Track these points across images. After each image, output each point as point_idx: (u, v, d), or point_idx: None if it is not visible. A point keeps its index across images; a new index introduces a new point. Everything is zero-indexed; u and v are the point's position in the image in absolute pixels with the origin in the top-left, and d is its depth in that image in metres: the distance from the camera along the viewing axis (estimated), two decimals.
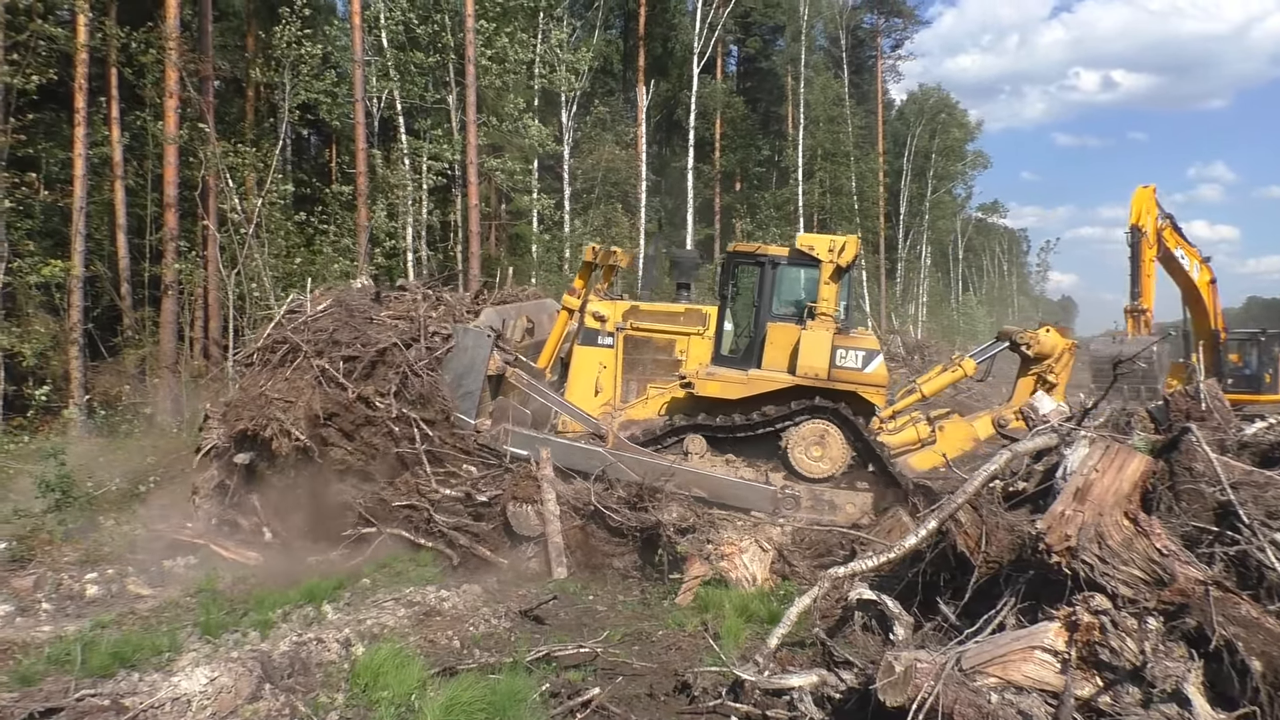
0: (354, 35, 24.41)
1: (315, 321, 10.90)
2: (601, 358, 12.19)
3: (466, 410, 10.52)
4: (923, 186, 57.72)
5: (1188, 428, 5.85)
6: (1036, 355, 12.23)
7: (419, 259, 27.33)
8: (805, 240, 11.77)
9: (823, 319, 11.35)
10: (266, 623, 7.50)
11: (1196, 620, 4.42)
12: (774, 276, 11.85)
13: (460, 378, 10.63)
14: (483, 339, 10.76)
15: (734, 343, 12.18)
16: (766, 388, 11.28)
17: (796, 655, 6.15)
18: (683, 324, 12.29)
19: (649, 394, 12.05)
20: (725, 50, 49.62)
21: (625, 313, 12.26)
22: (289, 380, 10.19)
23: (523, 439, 10.55)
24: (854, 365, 11.16)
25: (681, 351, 12.20)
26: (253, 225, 21.02)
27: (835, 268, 11.40)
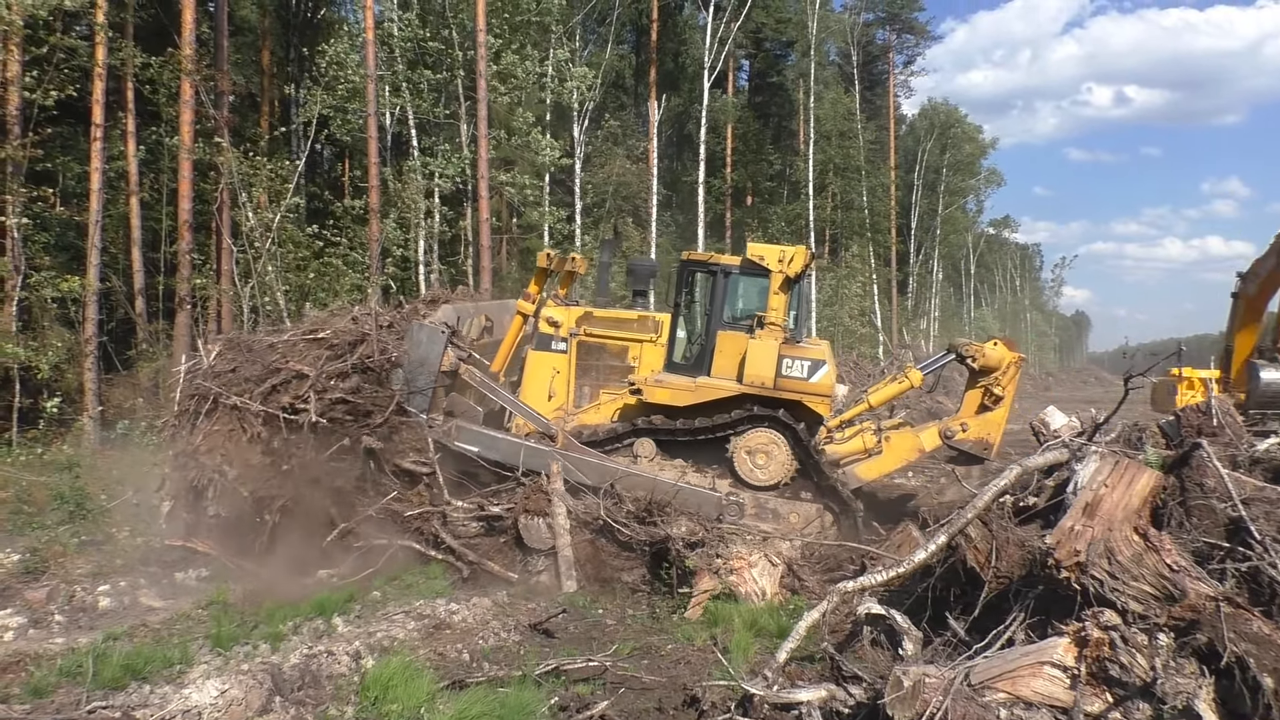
0: (367, 50, 24.61)
1: (215, 370, 10.95)
2: (555, 363, 12.30)
3: (418, 405, 10.61)
4: (934, 201, 57.68)
5: (1199, 443, 5.82)
6: (982, 368, 12.22)
7: (430, 272, 27.44)
8: (755, 250, 11.86)
9: (771, 329, 11.42)
10: (277, 635, 7.53)
11: (1208, 636, 4.39)
12: (725, 285, 11.92)
13: (413, 373, 10.71)
14: (436, 335, 10.82)
15: (686, 350, 12.24)
16: (713, 395, 11.35)
17: (805, 670, 6.14)
18: (636, 330, 12.37)
19: (601, 399, 12.14)
20: (736, 65, 49.81)
21: (579, 318, 12.35)
22: (214, 430, 10.33)
23: (472, 435, 10.69)
24: (800, 375, 11.21)
25: (634, 358, 12.29)
26: (267, 240, 21.16)
27: (784, 278, 11.50)
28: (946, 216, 58.91)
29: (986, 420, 12.11)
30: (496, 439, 10.84)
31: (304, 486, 10.03)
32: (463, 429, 10.73)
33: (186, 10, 20.27)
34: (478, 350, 11.82)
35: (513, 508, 9.84)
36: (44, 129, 17.97)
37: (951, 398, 20.12)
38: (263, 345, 11.25)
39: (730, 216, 47.42)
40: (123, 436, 16.78)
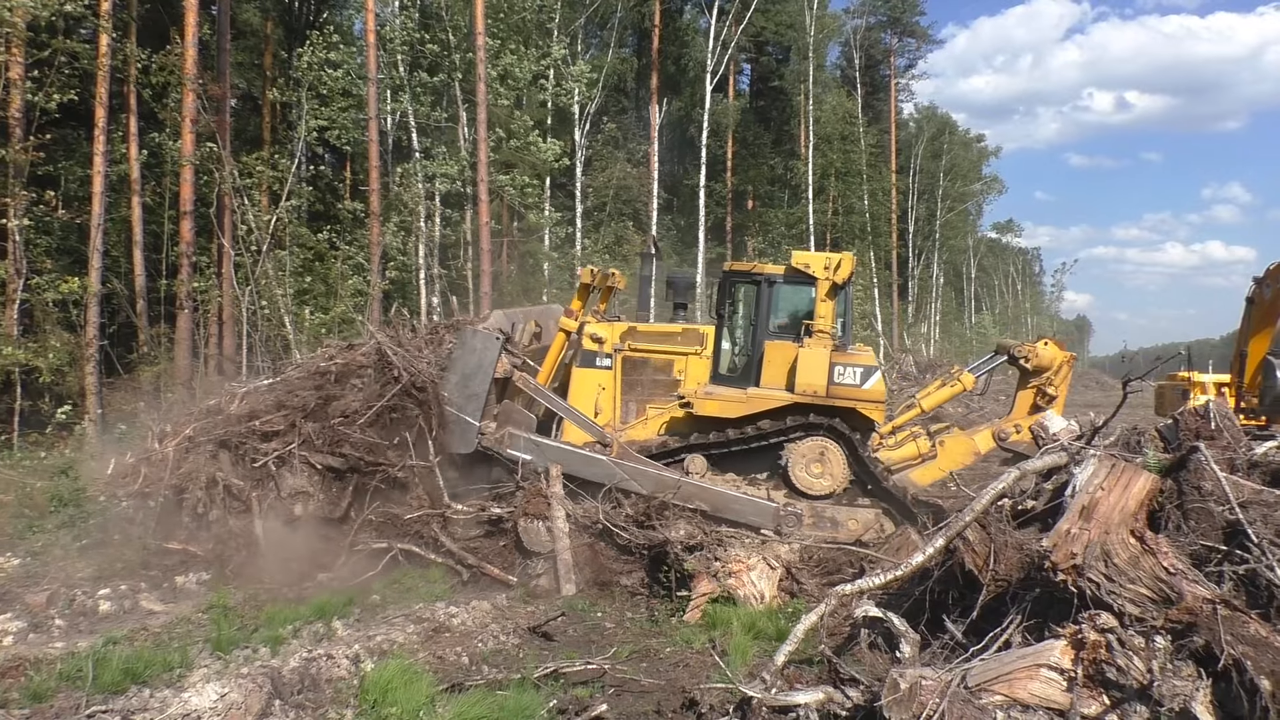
0: (368, 54, 24.67)
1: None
2: (600, 379, 12.20)
3: (471, 412, 10.44)
4: (932, 206, 57.76)
5: (1196, 446, 5.83)
6: (1035, 368, 12.19)
7: (430, 276, 27.48)
8: (801, 258, 11.79)
9: (820, 336, 11.36)
10: (277, 639, 7.54)
11: (1205, 639, 4.40)
12: (770, 295, 11.87)
13: (467, 379, 10.56)
14: (491, 341, 10.67)
15: (731, 362, 12.19)
16: (765, 406, 11.28)
17: (804, 673, 6.14)
18: (680, 344, 12.30)
19: (648, 414, 12.06)
20: (737, 69, 49.87)
21: (623, 334, 12.28)
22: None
23: (526, 444, 10.53)
24: (852, 382, 11.16)
25: (680, 371, 12.21)
26: (267, 243, 21.20)
27: (831, 285, 11.44)
28: (946, 221, 58.95)
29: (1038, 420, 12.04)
30: (549, 447, 10.64)
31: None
32: (515, 436, 10.55)
33: (189, 14, 20.33)
34: (528, 356, 11.81)
35: (512, 511, 9.85)
36: (46, 132, 18.00)
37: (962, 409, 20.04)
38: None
39: (731, 220, 47.46)
40: (120, 440, 16.79)
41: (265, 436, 10.56)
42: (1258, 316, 15.77)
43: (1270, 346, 15.22)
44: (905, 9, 55.27)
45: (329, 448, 10.49)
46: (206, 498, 10.15)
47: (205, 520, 10.17)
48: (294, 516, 10.20)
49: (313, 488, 10.34)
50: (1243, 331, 16.38)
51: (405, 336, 12.29)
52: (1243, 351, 16.24)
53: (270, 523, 10.05)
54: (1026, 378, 12.39)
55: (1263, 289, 15.45)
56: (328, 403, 10.92)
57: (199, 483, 10.16)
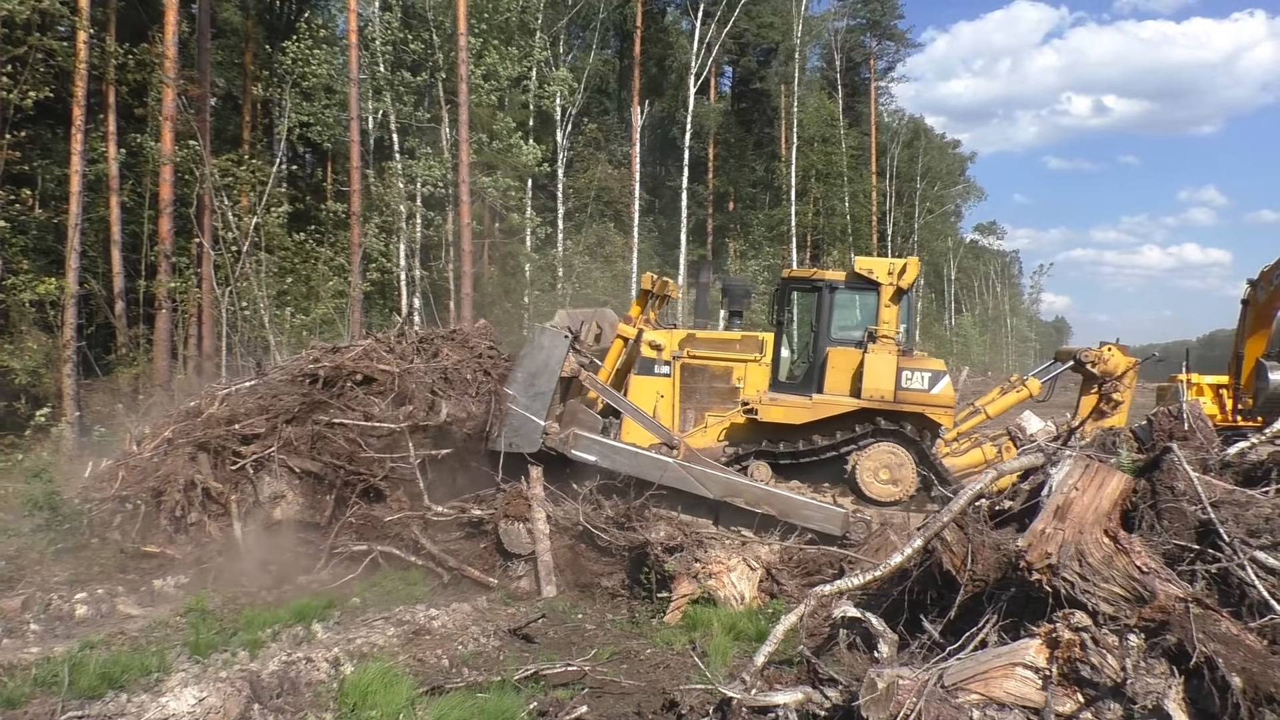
0: (350, 54, 24.59)
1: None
2: (659, 386, 12.15)
3: (537, 411, 10.14)
4: (911, 208, 58.15)
5: (1169, 447, 5.90)
6: (1101, 374, 12.17)
7: (411, 278, 27.39)
8: (864, 263, 11.80)
9: (884, 341, 11.33)
10: (256, 642, 7.49)
11: (1177, 637, 4.45)
12: (831, 301, 11.84)
13: (534, 377, 10.28)
14: (559, 339, 10.46)
15: (792, 368, 12.16)
16: (832, 411, 11.21)
17: (783, 673, 6.16)
18: (740, 351, 12.29)
19: (707, 422, 12.00)
20: (719, 71, 50.02)
21: (681, 341, 12.24)
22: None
23: (590, 444, 10.21)
24: (920, 386, 11.15)
25: (739, 379, 12.20)
26: (247, 243, 21.08)
27: (895, 289, 11.42)
28: (925, 224, 59.36)
29: (1104, 425, 12.04)
30: (616, 448, 10.36)
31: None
32: (580, 437, 10.22)
33: (169, 11, 20.20)
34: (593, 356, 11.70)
35: (493, 513, 9.84)
36: (22, 130, 17.83)
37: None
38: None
39: (713, 222, 47.57)
40: (98, 442, 16.65)
41: (245, 439, 10.51)
42: (1253, 318, 15.90)
43: (1265, 348, 15.34)
44: (884, 12, 55.62)
45: (310, 452, 10.46)
46: (185, 500, 10.08)
47: (184, 523, 10.10)
48: (273, 520, 10.15)
49: (292, 491, 10.30)
50: (1239, 333, 16.50)
51: (394, 343, 12.27)
52: (1239, 353, 16.36)
53: (249, 526, 10.00)
54: (1090, 383, 12.35)
55: (1257, 291, 15.59)
56: (313, 408, 10.89)
57: (177, 485, 10.09)
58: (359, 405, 10.86)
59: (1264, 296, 15.13)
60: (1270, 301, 14.97)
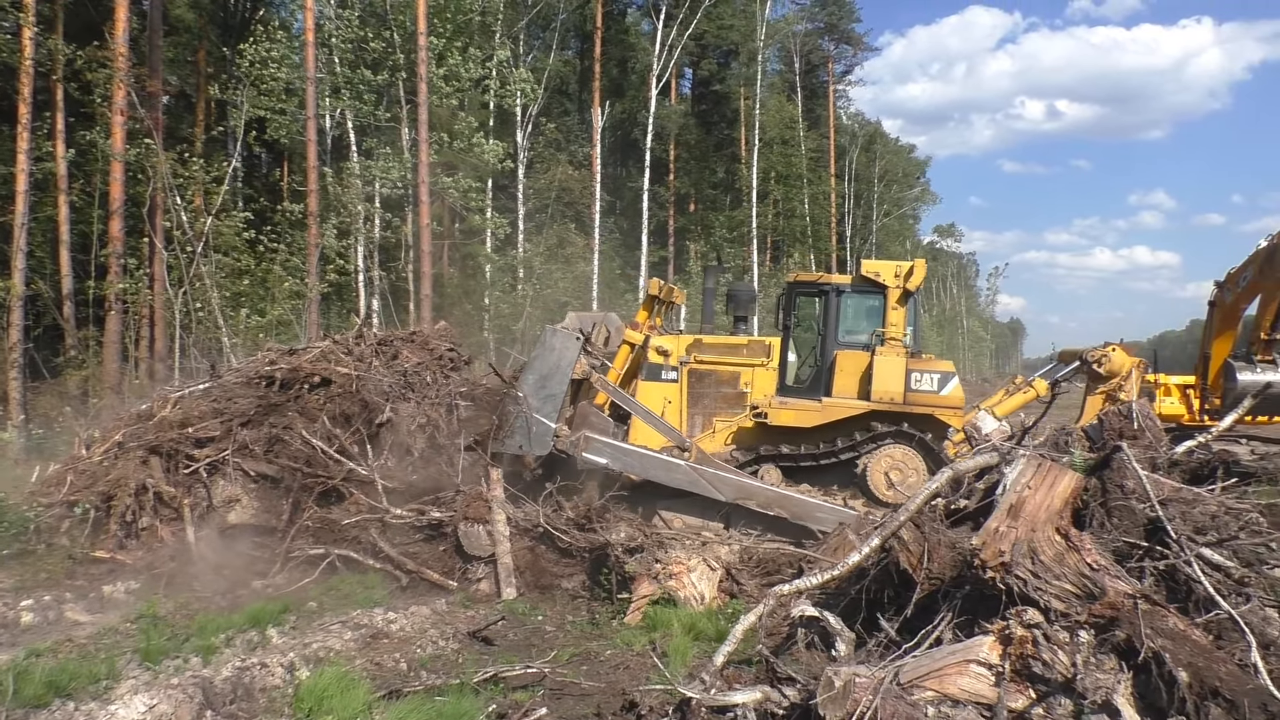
0: (306, 52, 24.30)
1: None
2: (666, 392, 12.13)
3: (549, 413, 10.05)
4: (869, 211, 58.78)
5: (1119, 446, 6.01)
6: (1107, 373, 12.27)
7: (370, 279, 27.14)
8: (870, 266, 11.89)
9: (892, 344, 11.39)
10: (209, 648, 7.38)
11: (1126, 633, 4.53)
12: (838, 304, 11.90)
13: (545, 379, 10.17)
14: (571, 341, 10.36)
15: (799, 372, 12.19)
16: (841, 414, 11.24)
17: (743, 673, 6.18)
18: (746, 356, 12.31)
19: (715, 427, 11.98)
20: (679, 72, 50.17)
21: (688, 346, 12.24)
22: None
23: (601, 446, 10.16)
24: (930, 388, 11.24)
25: (746, 383, 12.22)
26: (201, 243, 20.75)
27: (902, 292, 11.49)
28: (883, 225, 60.01)
29: None
30: (627, 451, 10.30)
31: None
32: (591, 440, 10.15)
33: (120, 8, 19.84)
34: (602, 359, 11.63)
35: (453, 515, 9.77)
36: None
37: None
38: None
39: (674, 223, 47.67)
40: (46, 446, 16.30)
41: (199, 443, 10.36)
42: (1220, 320, 16.17)
43: (1232, 348, 15.58)
44: (842, 16, 56.09)
45: (266, 455, 10.33)
46: (136, 505, 9.91)
47: (135, 528, 9.94)
48: (228, 524, 10.01)
49: (247, 495, 10.16)
50: (1206, 334, 16.75)
51: (353, 345, 12.15)
52: (1206, 354, 16.62)
53: (203, 530, 9.85)
54: (1095, 384, 12.44)
55: (1224, 293, 15.86)
56: (269, 410, 10.75)
57: (128, 489, 9.91)
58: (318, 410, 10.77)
59: (1230, 298, 15.40)
60: (1236, 303, 15.24)
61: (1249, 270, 14.13)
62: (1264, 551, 5.95)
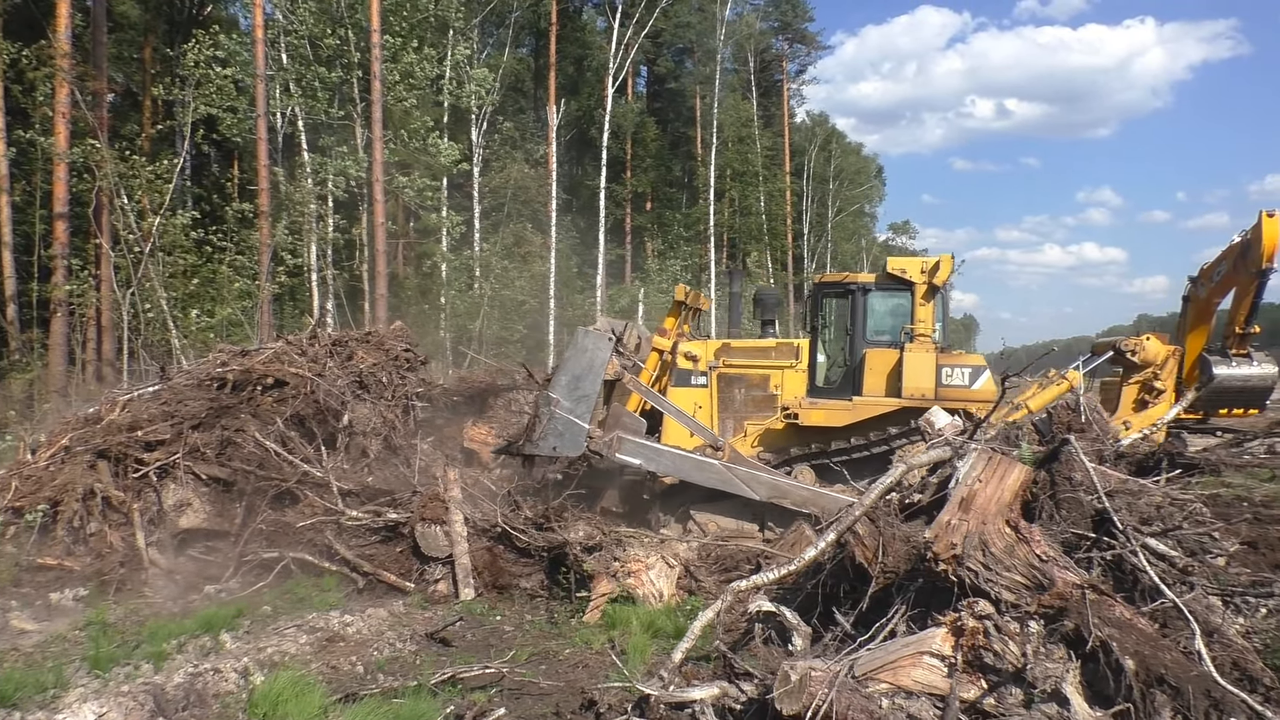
0: (256, 49, 23.95)
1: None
2: (696, 397, 12.09)
3: (582, 414, 9.91)
4: (824, 209, 59.27)
5: (1067, 439, 6.13)
6: (1142, 362, 12.27)
7: (323, 279, 26.82)
8: (896, 263, 11.95)
9: (921, 340, 11.41)
10: (160, 654, 7.25)
11: (1074, 623, 4.62)
12: (865, 303, 11.93)
13: (578, 380, 10.02)
14: (603, 341, 10.23)
15: (828, 373, 12.20)
16: (873, 412, 11.24)
17: (701, 669, 6.22)
18: (775, 358, 12.32)
19: (746, 430, 11.95)
20: (635, 70, 50.19)
21: (717, 351, 12.22)
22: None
23: (635, 447, 10.06)
24: (961, 383, 11.26)
25: (776, 386, 12.22)
26: (149, 244, 20.37)
27: (929, 287, 11.52)
28: (838, 223, 60.56)
29: (1148, 416, 12.02)
30: (661, 451, 10.22)
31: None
32: (624, 440, 10.03)
33: (61, 4, 19.40)
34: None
35: (409, 516, 9.70)
36: None
37: None
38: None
39: (631, 222, 47.69)
40: None
41: (149, 446, 10.18)
42: (1194, 315, 16.39)
43: (1206, 343, 15.81)
44: (796, 15, 56.47)
45: (219, 458, 10.19)
46: (84, 510, 9.71)
47: (82, 534, 9.73)
48: (179, 528, 9.85)
49: (199, 498, 10.01)
50: (1180, 329, 17.02)
51: (307, 345, 12.02)
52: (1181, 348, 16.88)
53: (153, 535, 9.68)
54: (1130, 373, 12.41)
55: (1198, 288, 16.11)
56: (221, 412, 10.59)
57: (75, 494, 9.71)
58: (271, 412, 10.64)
59: (1204, 293, 15.62)
60: (1210, 297, 15.47)
61: (1223, 265, 14.39)
62: (1207, 541, 6.13)
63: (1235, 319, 12.96)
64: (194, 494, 9.96)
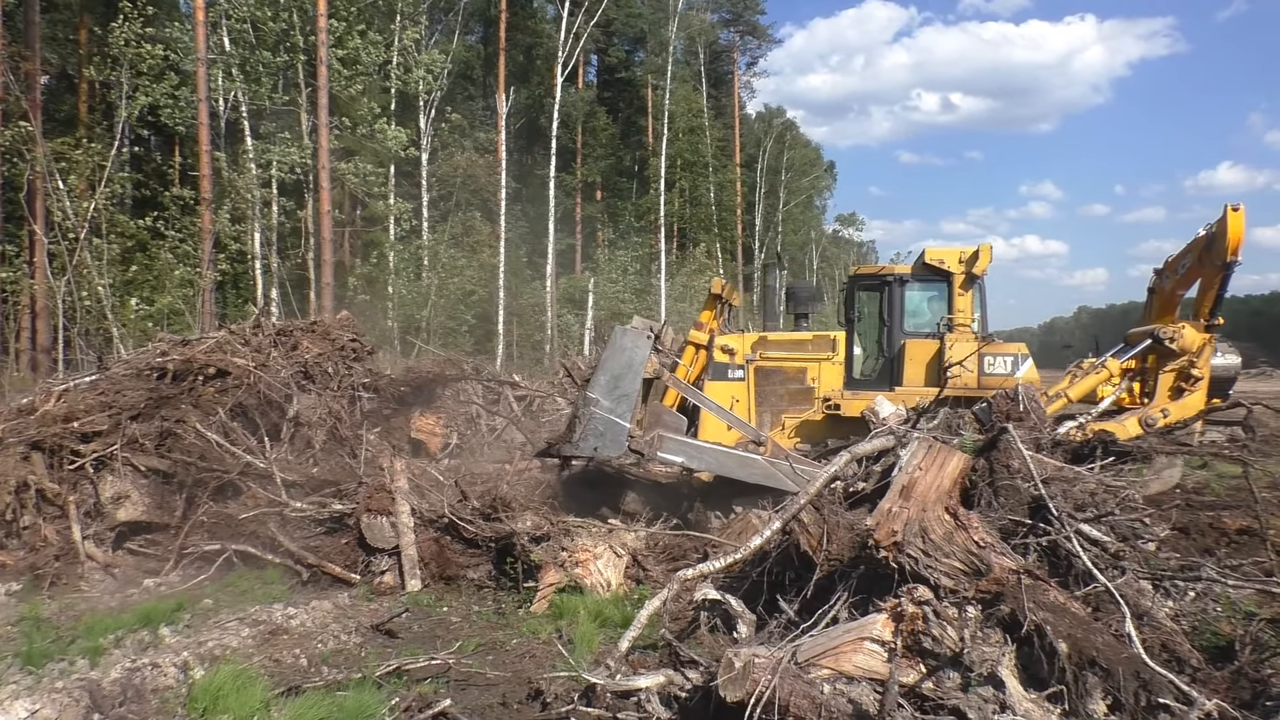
0: (197, 32, 23.42)
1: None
2: (733, 391, 12.04)
3: (623, 414, 9.74)
4: (775, 200, 59.64)
5: (1005, 428, 6.26)
6: (1180, 350, 12.33)
7: (268, 267, 26.37)
8: (934, 254, 11.98)
9: (961, 329, 11.45)
10: (97, 650, 7.10)
11: (1011, 607, 4.72)
12: (902, 295, 11.95)
13: (617, 379, 9.86)
14: (642, 339, 10.09)
15: (865, 365, 12.21)
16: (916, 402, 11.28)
17: (647, 657, 6.25)
18: (812, 351, 12.29)
19: (784, 423, 11.92)
20: (586, 60, 50.00)
21: (754, 344, 12.17)
22: None
23: (677, 445, 9.95)
24: (1004, 371, 11.31)
25: (813, 379, 12.17)
26: (85, 229, 19.86)
27: (967, 277, 11.57)
28: (788, 214, 61.00)
29: (1185, 404, 11.96)
30: (703, 448, 10.09)
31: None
32: (665, 439, 9.87)
33: None
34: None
35: (355, 507, 9.61)
36: None
37: None
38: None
39: (581, 211, 47.57)
40: None
41: (85, 437, 9.95)
42: (1158, 306, 16.65)
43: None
44: (746, 7, 56.65)
45: (158, 450, 9.99)
46: (17, 503, 9.47)
47: (15, 528, 9.50)
48: (117, 521, 9.66)
49: (138, 491, 9.81)
50: (1144, 320, 17.29)
51: (250, 335, 11.83)
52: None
53: (90, 528, 9.48)
54: (1165, 361, 12.46)
55: (1162, 280, 16.39)
56: (160, 403, 10.39)
57: (8, 487, 9.47)
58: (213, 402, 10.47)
59: (1169, 285, 15.89)
60: (1175, 289, 15.76)
61: (1187, 258, 14.68)
62: (1139, 526, 6.30)
63: (1200, 311, 13.20)
64: (132, 486, 9.77)
